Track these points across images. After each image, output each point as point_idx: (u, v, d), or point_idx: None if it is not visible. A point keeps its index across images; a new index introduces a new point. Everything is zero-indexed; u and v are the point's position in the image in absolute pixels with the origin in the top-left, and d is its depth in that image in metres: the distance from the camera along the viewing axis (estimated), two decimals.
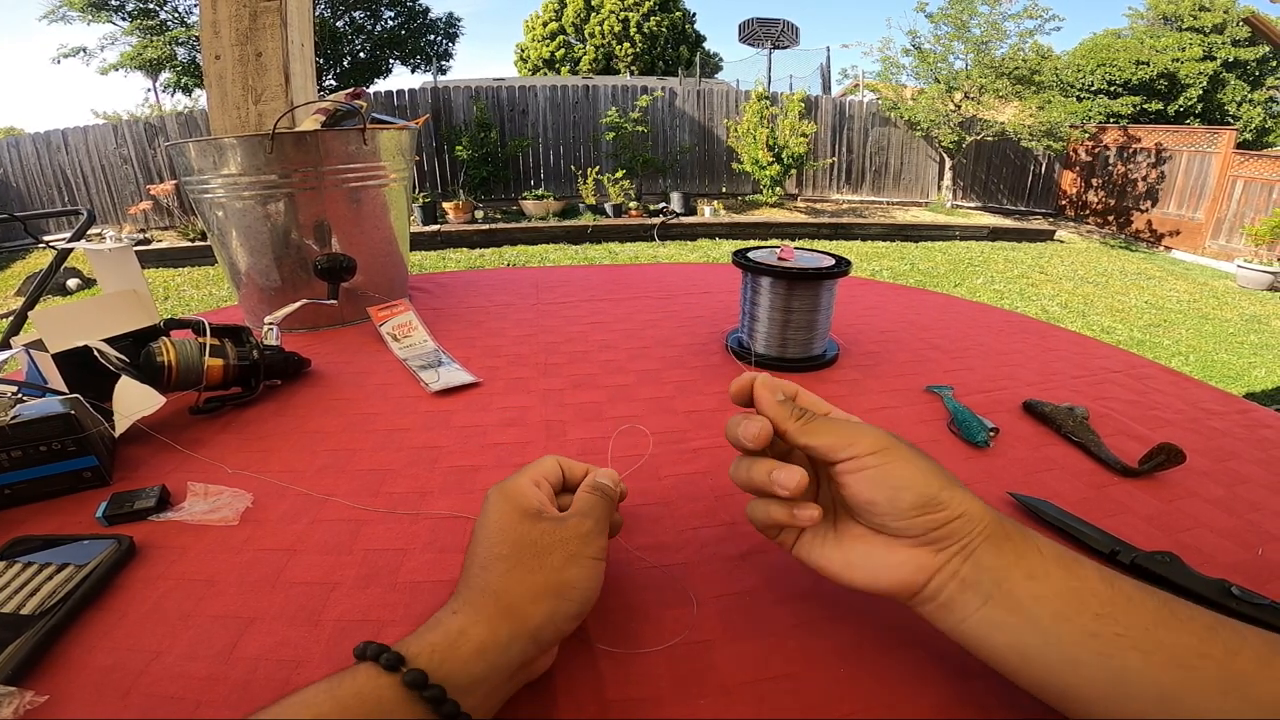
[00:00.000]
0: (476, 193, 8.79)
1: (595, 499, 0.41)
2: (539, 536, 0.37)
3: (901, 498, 0.34)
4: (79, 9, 11.19)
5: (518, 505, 0.38)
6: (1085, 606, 0.30)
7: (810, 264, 0.80)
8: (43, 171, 8.48)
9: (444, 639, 0.31)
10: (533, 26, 20.30)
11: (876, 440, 0.35)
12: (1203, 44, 11.25)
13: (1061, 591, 0.31)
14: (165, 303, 5.25)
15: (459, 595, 0.35)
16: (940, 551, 0.34)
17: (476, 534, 0.38)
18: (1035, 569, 0.32)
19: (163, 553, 0.48)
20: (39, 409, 0.54)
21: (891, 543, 0.35)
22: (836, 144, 9.97)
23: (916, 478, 0.34)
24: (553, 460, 0.44)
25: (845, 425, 0.37)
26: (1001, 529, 0.34)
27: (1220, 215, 7.99)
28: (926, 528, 0.34)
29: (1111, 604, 0.30)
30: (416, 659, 0.30)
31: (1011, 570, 0.32)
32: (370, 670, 0.29)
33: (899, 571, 0.35)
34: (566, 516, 0.39)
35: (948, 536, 0.34)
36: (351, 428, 0.69)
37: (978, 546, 0.33)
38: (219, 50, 1.34)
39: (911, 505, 0.34)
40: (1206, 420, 0.70)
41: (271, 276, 0.98)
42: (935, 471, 0.35)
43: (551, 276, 1.35)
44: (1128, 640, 0.29)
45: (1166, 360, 4.03)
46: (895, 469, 0.34)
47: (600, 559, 0.38)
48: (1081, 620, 0.30)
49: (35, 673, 0.37)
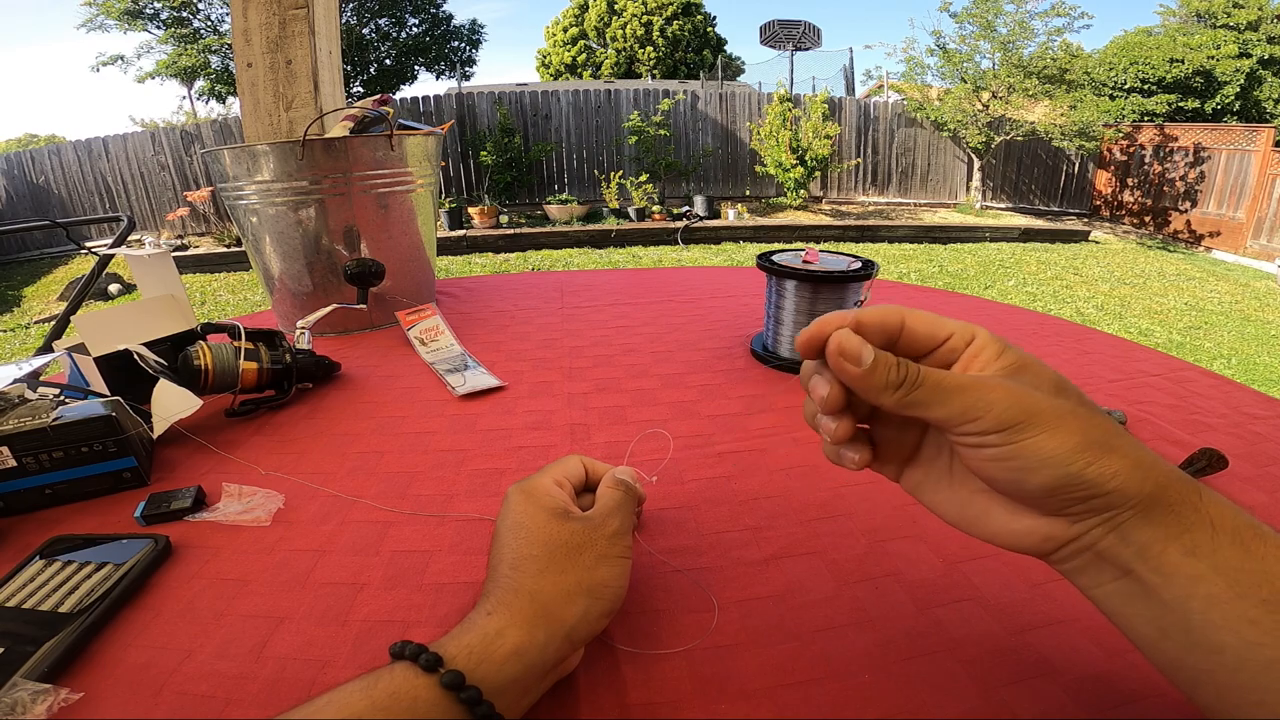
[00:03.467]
0: (501, 197, 8.88)
1: (620, 495, 0.41)
2: (569, 536, 0.37)
3: (1030, 480, 0.27)
4: (115, 17, 11.53)
5: (543, 505, 0.38)
6: (1254, 590, 0.25)
7: (835, 267, 0.79)
8: (84, 179, 8.75)
9: (480, 640, 0.31)
10: (554, 32, 20.45)
11: (1008, 412, 0.27)
12: (1238, 41, 10.93)
13: (1227, 571, 0.26)
14: (202, 307, 5.39)
15: (490, 595, 0.35)
16: (1076, 523, 0.28)
17: (501, 534, 0.38)
18: (1200, 544, 0.26)
19: (197, 552, 0.49)
20: (80, 411, 0.56)
21: (1018, 506, 0.29)
22: (861, 145, 9.87)
23: (1052, 455, 0.27)
24: (576, 459, 0.44)
25: (967, 390, 0.28)
26: (1164, 498, 0.27)
27: (1261, 214, 7.77)
28: (1060, 506, 0.28)
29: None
30: (454, 660, 0.30)
31: (1168, 545, 0.27)
32: (407, 670, 0.29)
33: (1024, 539, 0.30)
34: (593, 515, 0.39)
35: (1089, 512, 0.27)
36: (380, 430, 0.70)
37: (1126, 520, 0.27)
38: (250, 58, 1.37)
39: (1043, 487, 0.27)
40: (1249, 425, 0.68)
41: (303, 281, 1.00)
42: (1081, 443, 0.27)
43: (576, 280, 1.35)
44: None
45: (1207, 363, 3.92)
46: (1027, 446, 0.27)
47: (628, 556, 0.38)
48: (1244, 606, 0.25)
49: (70, 670, 0.38)
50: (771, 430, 0.67)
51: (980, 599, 0.43)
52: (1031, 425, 0.27)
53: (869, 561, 0.47)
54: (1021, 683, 0.36)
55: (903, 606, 0.42)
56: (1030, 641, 0.39)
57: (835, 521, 0.52)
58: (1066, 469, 0.27)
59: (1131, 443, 0.28)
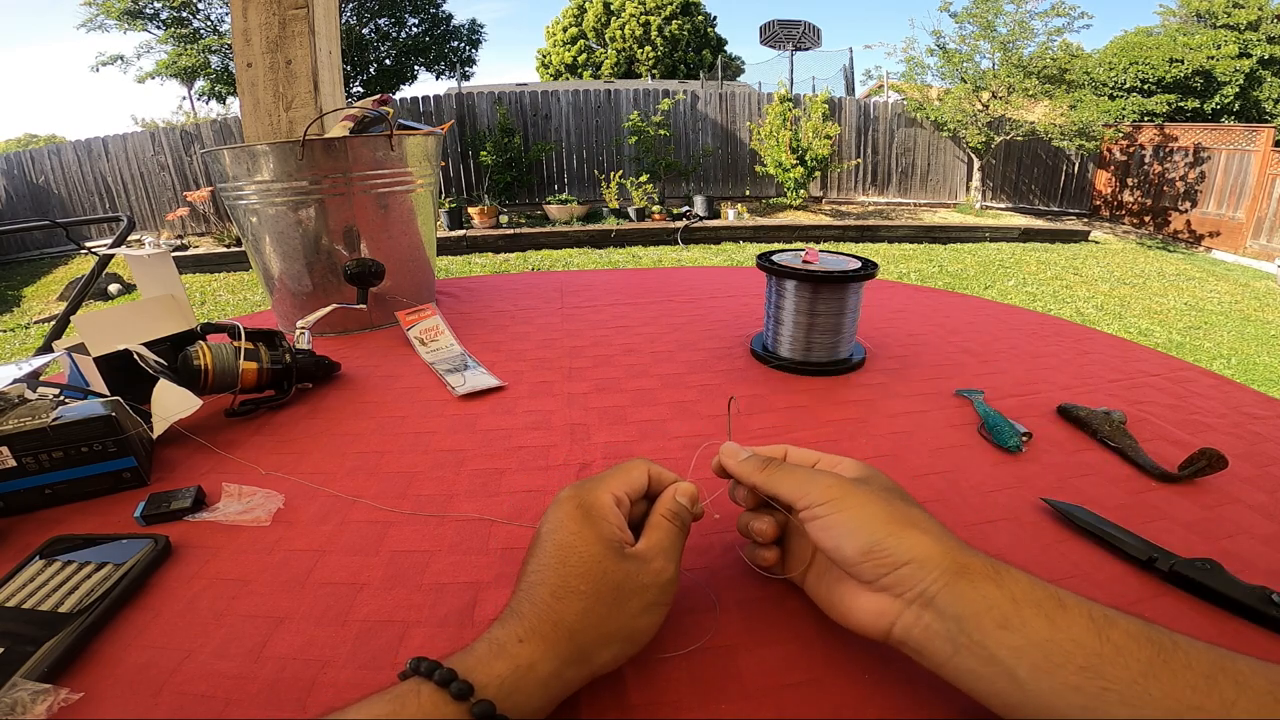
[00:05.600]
0: (501, 197, 8.88)
1: (674, 531, 0.38)
2: (622, 579, 0.35)
3: (845, 545, 0.34)
4: (115, 17, 11.53)
5: (600, 533, 0.36)
6: (1069, 660, 0.28)
7: (835, 266, 0.79)
8: (84, 178, 8.74)
9: (513, 672, 0.31)
10: (554, 32, 20.45)
11: (828, 489, 0.36)
12: (1238, 41, 10.93)
13: (1040, 643, 0.29)
14: (201, 307, 5.39)
15: (524, 618, 0.33)
16: (897, 598, 0.33)
17: (545, 547, 0.36)
18: (1009, 618, 0.30)
19: (197, 552, 0.49)
20: (80, 411, 0.56)
21: (858, 587, 0.35)
22: (861, 145, 9.87)
23: (860, 525, 0.34)
24: (641, 466, 0.42)
25: (804, 474, 0.38)
26: (966, 574, 0.32)
27: (1261, 214, 7.77)
28: (875, 574, 0.34)
29: (1099, 657, 0.28)
30: (485, 689, 0.29)
31: (981, 619, 0.31)
32: (435, 696, 0.29)
33: (865, 615, 0.35)
34: (647, 554, 0.37)
35: (899, 583, 0.33)
36: (380, 430, 0.70)
37: (937, 593, 0.32)
38: (250, 58, 1.37)
39: (855, 552, 0.34)
40: (1249, 425, 0.68)
41: (303, 281, 1.00)
42: (885, 517, 0.34)
43: (576, 280, 1.35)
44: (1114, 695, 0.27)
45: (1207, 363, 3.92)
46: (840, 518, 0.35)
47: (670, 604, 0.37)
48: (1064, 675, 0.28)
49: (71, 670, 0.38)
50: (771, 430, 0.67)
51: None
52: (844, 501, 0.35)
53: None
54: None
55: None
56: None
57: None
58: (872, 536, 0.34)
59: (938, 526, 0.35)
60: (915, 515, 0.35)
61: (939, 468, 0.60)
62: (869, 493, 0.36)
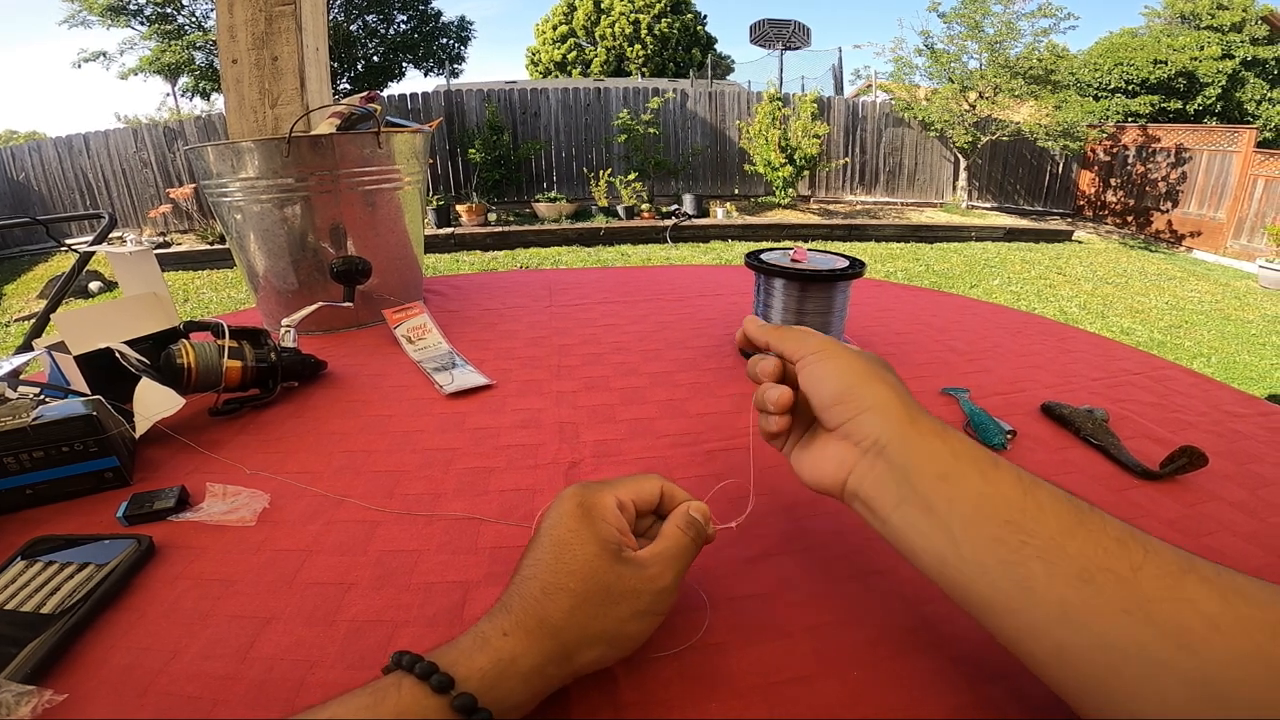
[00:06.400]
0: (489, 195, 8.84)
1: (686, 542, 0.37)
2: (614, 581, 0.34)
3: (823, 389, 0.38)
4: (98, 14, 11.39)
5: (598, 533, 0.35)
6: (996, 512, 0.31)
7: (824, 265, 0.80)
8: (64, 175, 8.62)
9: (494, 665, 0.30)
10: (543, 30, 20.38)
11: (822, 343, 0.40)
12: (1221, 42, 11.07)
13: (972, 495, 0.32)
14: (185, 305, 5.33)
15: (510, 612, 0.33)
16: (855, 446, 0.36)
17: (542, 542, 0.35)
18: (949, 470, 0.33)
19: (181, 553, 0.49)
20: (61, 410, 0.55)
21: (828, 439, 0.39)
22: (850, 145, 9.92)
23: (838, 373, 0.38)
24: (656, 481, 0.40)
25: (805, 332, 0.42)
26: (915, 427, 0.35)
27: (1242, 215, 7.88)
28: (841, 419, 0.37)
29: (1022, 511, 0.30)
30: (466, 682, 0.29)
31: (924, 469, 0.33)
32: (415, 689, 0.28)
33: (827, 466, 0.38)
34: (649, 561, 0.36)
35: (859, 430, 0.36)
36: (367, 429, 0.69)
37: (889, 442, 0.35)
38: (236, 54, 1.35)
39: (829, 395, 0.38)
40: (1229, 423, 0.69)
41: (288, 279, 0.99)
42: (862, 370, 0.38)
43: (564, 279, 1.35)
44: (1032, 549, 0.29)
45: (1188, 362, 3.97)
46: (826, 365, 0.38)
47: (664, 614, 0.36)
48: (990, 527, 0.30)
49: (54, 671, 0.38)
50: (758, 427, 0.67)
51: None
52: (831, 352, 0.39)
53: (858, 559, 0.47)
54: (1009, 678, 0.36)
55: (891, 603, 0.43)
56: None
57: (824, 519, 0.52)
58: (846, 382, 0.37)
59: (903, 389, 0.38)
60: (887, 376, 0.38)
61: None
62: (854, 353, 0.39)
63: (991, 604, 0.30)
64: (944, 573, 0.32)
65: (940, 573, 0.33)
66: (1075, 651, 0.27)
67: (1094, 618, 0.27)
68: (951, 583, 0.32)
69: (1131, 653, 0.26)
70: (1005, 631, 0.30)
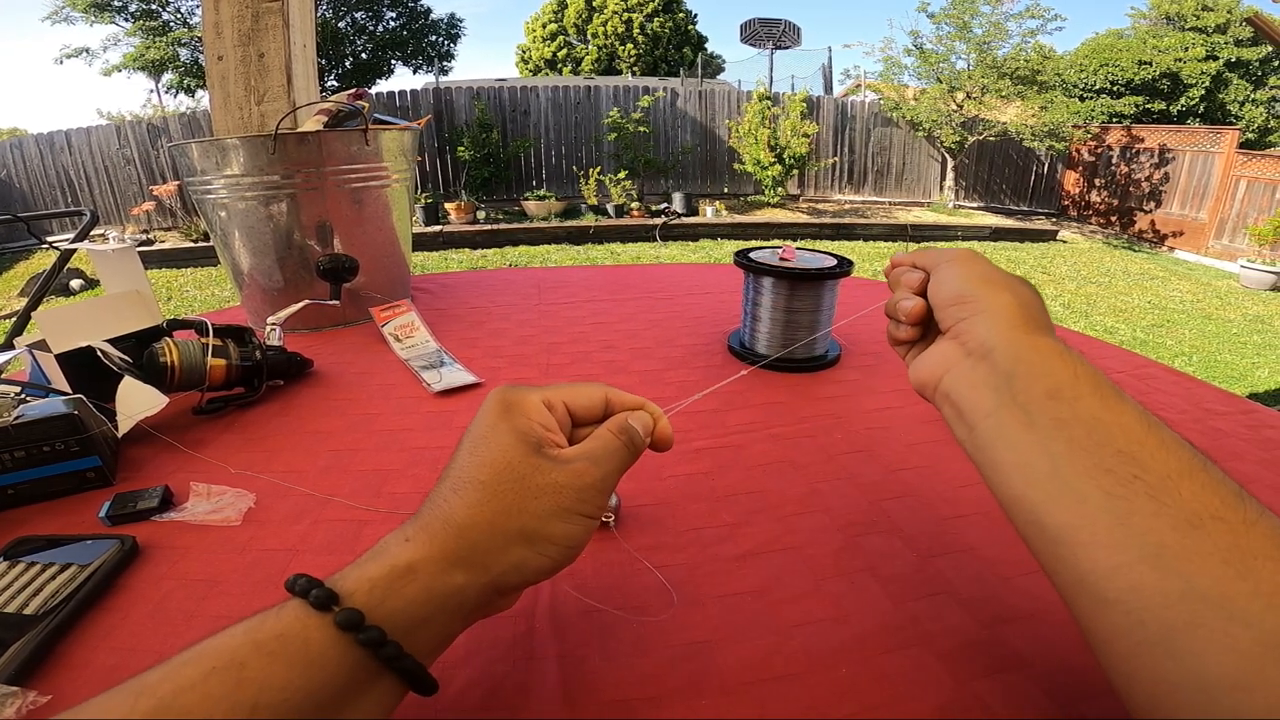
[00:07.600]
0: (479, 193, 8.80)
1: (618, 445, 0.34)
2: (529, 472, 0.30)
3: (945, 290, 0.37)
4: (81, 10, 11.23)
5: (515, 425, 0.32)
6: (1111, 439, 0.28)
7: (812, 264, 0.80)
8: (46, 172, 8.50)
9: (386, 574, 0.27)
10: (534, 28, 20.30)
11: (961, 253, 0.38)
12: (1206, 44, 11.22)
13: (1087, 419, 0.29)
14: (168, 303, 5.27)
15: (418, 517, 0.30)
16: (961, 346, 0.35)
17: (461, 444, 0.33)
18: (1062, 389, 0.30)
19: (166, 553, 0.48)
20: (42, 409, 0.54)
21: (940, 340, 0.37)
22: (838, 144, 9.96)
23: (963, 276, 0.36)
24: (599, 390, 0.38)
25: (945, 249, 0.40)
26: (1030, 339, 0.32)
27: (1224, 215, 7.97)
28: (954, 319, 0.35)
29: (1141, 445, 0.28)
30: (352, 596, 0.26)
31: (1032, 382, 0.31)
32: (298, 609, 0.26)
33: (928, 363, 0.37)
34: (572, 457, 0.32)
35: (968, 331, 0.34)
36: (354, 428, 0.69)
37: (996, 344, 0.32)
38: (221, 51, 1.34)
39: (949, 296, 0.36)
40: (1210, 420, 0.70)
41: (274, 277, 0.99)
42: (994, 277, 0.36)
43: (553, 277, 1.35)
44: (1143, 484, 0.26)
45: (1170, 360, 4.02)
46: (957, 268, 0.37)
47: (595, 517, 0.32)
48: (1102, 454, 0.28)
49: (38, 672, 0.37)
50: (749, 426, 0.68)
51: (953, 593, 0.43)
52: (966, 259, 0.37)
53: (845, 556, 0.47)
54: (995, 675, 0.37)
55: (878, 601, 0.43)
56: (1003, 634, 0.40)
57: (812, 517, 0.52)
58: (970, 284, 0.35)
59: (1038, 306, 0.35)
60: (1019, 288, 0.35)
61: (913, 463, 0.60)
62: (991, 266, 0.37)
63: (1076, 534, 0.27)
64: (1026, 493, 0.29)
65: (1021, 492, 0.30)
66: (1153, 596, 0.25)
67: (1190, 563, 0.25)
68: (1032, 505, 0.29)
69: (1217, 605, 0.24)
70: (1078, 565, 0.27)
